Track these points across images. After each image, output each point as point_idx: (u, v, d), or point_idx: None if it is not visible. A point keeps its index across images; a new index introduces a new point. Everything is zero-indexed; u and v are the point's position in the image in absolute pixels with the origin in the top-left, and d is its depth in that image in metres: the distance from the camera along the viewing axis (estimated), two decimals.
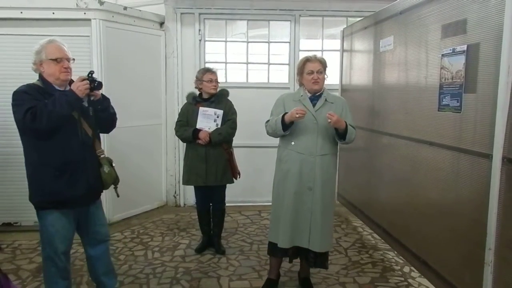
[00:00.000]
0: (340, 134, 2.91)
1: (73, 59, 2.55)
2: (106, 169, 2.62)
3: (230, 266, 3.59)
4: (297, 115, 2.78)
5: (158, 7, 5.09)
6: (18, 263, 3.59)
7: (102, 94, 2.59)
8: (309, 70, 2.95)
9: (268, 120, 3.05)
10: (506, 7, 2.11)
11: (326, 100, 2.98)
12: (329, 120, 2.78)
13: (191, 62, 5.15)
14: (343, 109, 3.01)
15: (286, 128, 2.91)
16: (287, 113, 2.87)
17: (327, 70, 3.05)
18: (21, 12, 4.14)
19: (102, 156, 2.64)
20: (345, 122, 2.88)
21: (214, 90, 3.74)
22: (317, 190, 2.92)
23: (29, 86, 2.43)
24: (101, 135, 2.79)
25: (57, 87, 2.47)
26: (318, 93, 2.99)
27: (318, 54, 3.15)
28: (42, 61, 2.45)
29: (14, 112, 2.37)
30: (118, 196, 2.77)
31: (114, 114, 2.74)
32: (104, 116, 2.66)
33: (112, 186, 2.70)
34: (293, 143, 2.98)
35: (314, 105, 2.96)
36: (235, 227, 4.56)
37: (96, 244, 2.72)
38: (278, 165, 3.09)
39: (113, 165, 2.70)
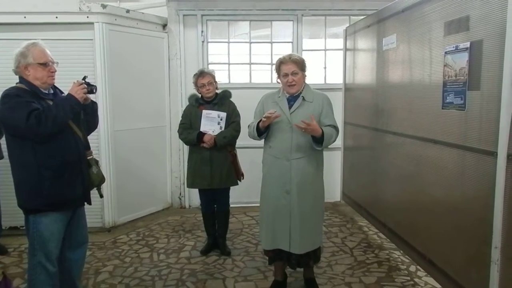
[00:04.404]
0: (317, 140, 2.83)
1: (57, 62, 2.55)
2: (94, 169, 2.65)
3: (236, 267, 3.59)
4: (264, 119, 2.80)
5: (160, 10, 5.10)
6: (25, 267, 3.58)
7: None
8: (283, 73, 2.91)
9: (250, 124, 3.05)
10: (509, 3, 2.09)
11: (304, 99, 2.92)
12: (303, 130, 2.73)
13: (194, 63, 5.15)
14: (323, 107, 2.92)
15: (261, 133, 2.94)
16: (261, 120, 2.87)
17: (308, 68, 2.98)
18: (25, 17, 4.18)
19: (90, 157, 2.66)
20: (321, 129, 2.78)
21: (209, 93, 3.71)
22: (294, 194, 2.89)
23: (18, 89, 2.40)
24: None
25: (42, 90, 2.47)
26: (296, 94, 2.94)
27: (295, 53, 3.07)
28: (29, 65, 2.43)
29: (7, 117, 2.34)
30: (101, 196, 2.83)
31: (98, 117, 2.85)
32: (91, 119, 2.73)
33: (95, 187, 2.71)
34: (270, 147, 2.98)
35: (291, 107, 2.92)
36: (240, 228, 4.56)
37: (77, 247, 2.70)
38: (262, 168, 3.09)
39: (99, 165, 2.75)
